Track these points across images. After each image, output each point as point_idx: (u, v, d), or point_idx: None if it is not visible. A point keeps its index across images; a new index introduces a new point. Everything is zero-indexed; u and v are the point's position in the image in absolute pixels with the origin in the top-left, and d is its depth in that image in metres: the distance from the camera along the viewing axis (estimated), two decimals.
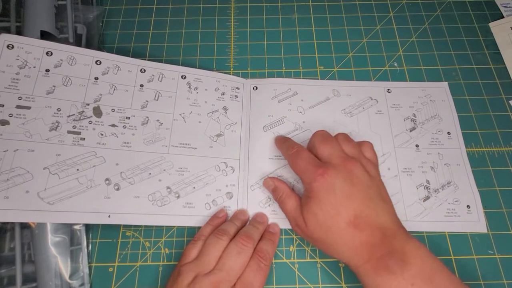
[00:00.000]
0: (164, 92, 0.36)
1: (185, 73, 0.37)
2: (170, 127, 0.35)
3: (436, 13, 0.45)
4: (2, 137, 0.31)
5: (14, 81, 0.32)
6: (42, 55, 0.34)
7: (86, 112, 0.33)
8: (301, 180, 0.29)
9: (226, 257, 0.27)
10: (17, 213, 0.29)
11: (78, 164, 0.31)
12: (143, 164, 0.33)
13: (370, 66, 0.41)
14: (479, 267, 0.31)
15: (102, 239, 0.32)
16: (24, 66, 0.33)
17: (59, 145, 0.32)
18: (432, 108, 0.38)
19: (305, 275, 0.31)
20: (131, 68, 0.36)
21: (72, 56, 0.35)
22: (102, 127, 0.33)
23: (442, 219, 0.32)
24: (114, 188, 0.31)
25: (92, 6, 0.42)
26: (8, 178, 0.29)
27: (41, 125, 0.32)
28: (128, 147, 0.33)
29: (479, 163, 0.35)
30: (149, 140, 0.34)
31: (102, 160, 0.32)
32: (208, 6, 0.45)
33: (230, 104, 0.37)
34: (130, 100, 0.35)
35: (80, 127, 0.33)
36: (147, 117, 0.35)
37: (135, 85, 0.36)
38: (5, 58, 0.33)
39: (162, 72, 0.37)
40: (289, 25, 0.44)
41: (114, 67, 0.36)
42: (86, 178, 0.31)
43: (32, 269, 0.29)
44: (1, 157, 0.30)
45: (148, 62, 0.37)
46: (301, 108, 0.38)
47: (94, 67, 0.35)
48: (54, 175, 0.30)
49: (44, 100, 0.33)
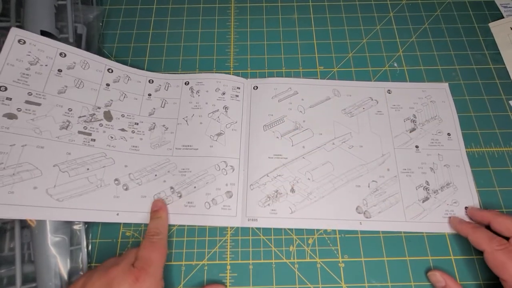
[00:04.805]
0: (169, 100, 0.38)
1: (188, 79, 0.39)
2: (174, 131, 0.36)
3: (436, 13, 0.45)
4: (9, 130, 0.31)
5: (24, 76, 0.33)
6: (55, 55, 0.34)
7: (97, 115, 0.34)
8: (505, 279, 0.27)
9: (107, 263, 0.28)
10: (23, 209, 0.29)
11: (88, 164, 0.32)
12: (150, 166, 0.34)
13: (370, 66, 0.41)
14: (479, 267, 0.31)
15: (102, 239, 0.32)
16: (35, 62, 0.33)
17: (70, 144, 0.32)
18: (432, 109, 0.38)
19: (305, 275, 0.31)
20: (140, 79, 0.38)
21: (85, 60, 0.36)
22: (112, 131, 0.34)
23: (441, 220, 0.32)
24: (123, 188, 0.32)
25: (92, 6, 0.42)
26: (14, 173, 0.29)
27: (51, 123, 0.32)
28: (136, 150, 0.34)
29: (479, 163, 0.35)
30: (155, 144, 0.35)
31: (112, 161, 0.33)
32: (208, 6, 0.45)
33: (230, 104, 0.37)
34: (139, 108, 0.36)
35: (91, 128, 0.33)
36: (154, 123, 0.36)
37: (143, 94, 0.37)
38: (15, 52, 0.33)
39: (168, 82, 0.38)
40: (289, 25, 0.44)
41: (124, 77, 0.37)
42: (96, 178, 0.32)
43: (31, 269, 0.29)
44: (7, 151, 0.30)
45: (156, 74, 0.39)
46: (301, 107, 0.38)
47: (106, 74, 0.36)
48: (64, 172, 0.31)
49: (55, 99, 0.33)
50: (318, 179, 0.34)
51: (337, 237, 0.32)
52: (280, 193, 0.33)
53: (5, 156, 0.29)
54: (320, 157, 0.35)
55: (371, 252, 0.32)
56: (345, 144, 0.36)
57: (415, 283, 0.30)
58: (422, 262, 0.31)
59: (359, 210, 0.33)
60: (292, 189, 0.34)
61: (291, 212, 0.33)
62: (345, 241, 0.32)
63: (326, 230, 0.33)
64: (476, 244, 0.29)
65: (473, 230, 0.30)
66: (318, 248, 0.32)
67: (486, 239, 0.29)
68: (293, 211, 0.33)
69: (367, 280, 0.31)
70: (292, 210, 0.33)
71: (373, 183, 0.34)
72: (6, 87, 0.32)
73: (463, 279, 0.30)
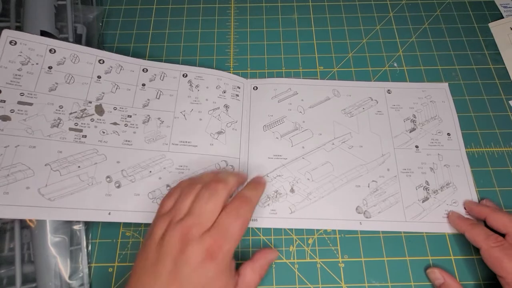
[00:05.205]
0: (165, 91, 0.36)
1: (187, 72, 0.38)
2: (171, 125, 0.35)
3: (436, 13, 0.45)
4: (3, 132, 0.31)
5: (16, 77, 0.32)
6: (45, 52, 0.34)
7: (88, 110, 0.33)
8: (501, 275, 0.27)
9: (197, 202, 0.25)
10: (17, 209, 0.29)
11: (80, 161, 0.31)
12: (144, 162, 0.33)
13: (370, 66, 0.41)
14: (479, 267, 0.31)
15: (102, 239, 0.32)
16: (26, 62, 0.33)
17: (61, 142, 0.32)
18: (432, 109, 0.38)
19: (305, 275, 0.31)
20: (134, 68, 0.37)
21: (75, 54, 0.35)
22: (103, 125, 0.33)
23: (441, 220, 0.32)
24: (115, 185, 0.32)
25: (92, 6, 0.42)
26: (8, 174, 0.29)
27: (42, 121, 0.32)
28: (129, 145, 0.33)
29: (479, 163, 0.35)
30: (150, 138, 0.34)
31: (104, 157, 0.32)
32: (208, 6, 0.45)
33: (231, 102, 0.37)
34: (132, 99, 0.35)
35: (82, 124, 0.33)
36: (148, 116, 0.35)
37: (137, 84, 0.36)
38: (7, 54, 0.33)
39: (164, 71, 0.37)
40: (289, 25, 0.44)
41: (117, 67, 0.36)
42: (87, 175, 0.31)
43: (31, 269, 0.29)
44: (2, 152, 0.30)
45: (150, 62, 0.37)
46: (301, 107, 0.38)
47: (97, 66, 0.35)
48: (56, 171, 0.31)
49: (46, 97, 0.33)
50: (318, 179, 0.34)
51: (337, 237, 0.32)
52: (280, 193, 0.33)
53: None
54: (320, 157, 0.35)
55: (371, 252, 0.32)
56: (345, 144, 0.36)
57: (415, 283, 0.30)
58: (422, 262, 0.31)
59: (359, 210, 0.33)
60: (292, 189, 0.34)
61: (291, 212, 0.33)
62: (345, 241, 0.32)
63: (326, 230, 0.33)
64: (473, 241, 0.29)
65: (471, 226, 0.30)
66: (318, 248, 0.32)
67: (483, 236, 0.29)
68: (292, 211, 0.33)
69: (367, 280, 0.31)
70: (292, 210, 0.33)
71: (373, 183, 0.34)
72: (0, 90, 0.32)
73: (463, 279, 0.30)
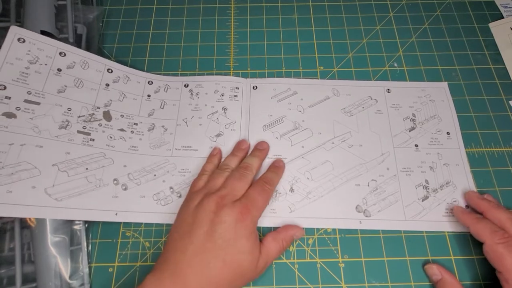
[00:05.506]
0: (169, 101, 0.38)
1: (188, 82, 0.39)
2: (174, 132, 0.36)
3: (436, 13, 0.45)
4: (8, 129, 0.31)
5: (23, 75, 0.33)
6: (55, 55, 0.34)
7: (96, 115, 0.34)
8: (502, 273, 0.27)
9: (229, 180, 0.30)
10: (21, 208, 0.29)
11: (87, 164, 0.32)
12: (149, 166, 0.34)
13: (370, 66, 0.41)
14: (479, 267, 0.31)
15: (102, 239, 0.32)
16: (35, 61, 0.33)
17: (69, 144, 0.32)
18: (431, 108, 0.38)
19: (305, 275, 0.31)
20: (140, 80, 0.38)
21: (85, 60, 0.36)
22: (111, 131, 0.34)
23: (441, 219, 0.32)
24: (122, 188, 0.32)
25: (92, 6, 0.42)
26: (12, 172, 0.29)
27: (50, 122, 0.32)
28: (136, 150, 0.34)
29: (479, 163, 0.35)
30: (154, 145, 0.35)
31: (111, 161, 0.33)
32: (208, 6, 0.45)
33: (229, 104, 0.37)
34: (138, 108, 0.36)
35: (90, 128, 0.33)
36: (153, 124, 0.36)
37: (143, 95, 0.37)
38: (14, 51, 0.33)
39: (167, 83, 0.39)
40: (289, 25, 0.44)
41: (124, 77, 0.37)
42: (95, 178, 0.32)
43: (31, 269, 0.29)
44: (6, 150, 0.30)
45: (156, 75, 0.39)
46: (300, 107, 0.38)
47: (106, 74, 0.36)
48: (63, 172, 0.31)
49: (54, 98, 0.33)
50: (317, 179, 0.34)
51: (337, 237, 0.32)
52: (279, 192, 0.33)
53: (3, 155, 0.30)
54: (320, 156, 0.35)
55: (371, 252, 0.32)
56: (344, 143, 0.36)
57: (415, 283, 0.30)
58: (422, 262, 0.31)
59: (359, 209, 0.33)
60: (291, 188, 0.34)
61: (290, 212, 0.33)
62: (345, 241, 0.32)
63: (326, 230, 0.33)
64: (477, 235, 0.29)
65: (476, 220, 0.30)
66: (318, 248, 0.32)
67: (488, 230, 0.29)
68: (292, 210, 0.33)
69: (367, 280, 0.31)
70: (292, 209, 0.33)
71: (373, 182, 0.34)
72: (5, 86, 0.32)
73: (462, 279, 0.30)
